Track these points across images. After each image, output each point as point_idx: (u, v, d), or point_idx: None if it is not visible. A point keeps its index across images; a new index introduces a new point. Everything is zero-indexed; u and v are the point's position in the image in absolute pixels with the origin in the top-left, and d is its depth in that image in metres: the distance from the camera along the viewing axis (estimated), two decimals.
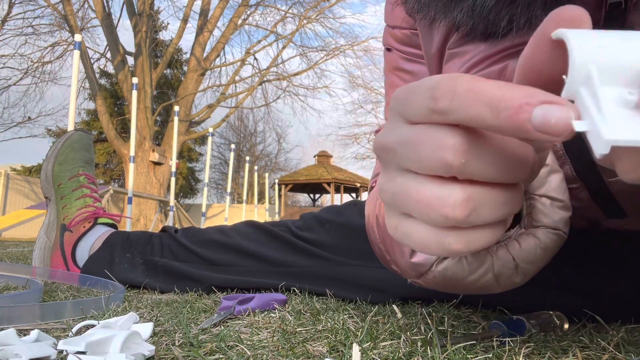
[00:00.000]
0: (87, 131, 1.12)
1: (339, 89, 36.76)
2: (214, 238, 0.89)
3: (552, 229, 0.38)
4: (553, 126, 0.20)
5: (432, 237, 0.26)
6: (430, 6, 0.43)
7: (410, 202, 0.25)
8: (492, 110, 0.21)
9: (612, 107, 0.19)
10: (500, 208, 0.25)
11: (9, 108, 15.13)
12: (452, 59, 0.50)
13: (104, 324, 0.44)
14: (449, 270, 0.39)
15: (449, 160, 0.23)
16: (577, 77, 0.20)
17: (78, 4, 11.14)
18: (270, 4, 12.87)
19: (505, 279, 0.38)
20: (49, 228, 1.00)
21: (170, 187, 5.58)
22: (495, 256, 0.38)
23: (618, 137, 0.18)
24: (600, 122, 0.19)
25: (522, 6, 0.38)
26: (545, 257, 0.38)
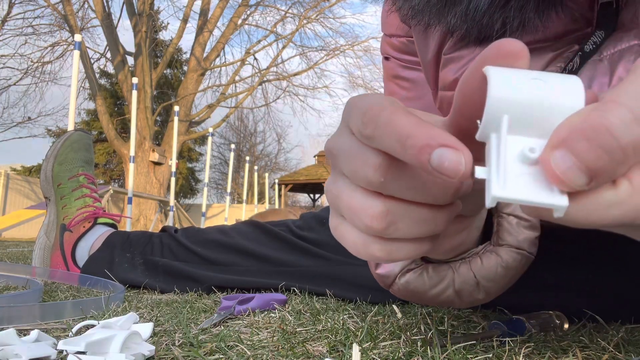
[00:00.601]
0: (87, 131, 1.12)
1: (339, 89, 36.73)
2: (214, 238, 0.89)
3: (515, 248, 0.38)
4: (446, 169, 0.21)
5: (360, 241, 0.28)
6: (424, 12, 0.43)
7: (343, 206, 0.27)
8: (401, 146, 0.23)
9: (510, 161, 0.20)
10: (420, 225, 0.27)
11: (9, 108, 15.15)
12: (448, 64, 0.50)
13: (104, 324, 0.44)
14: (411, 283, 0.40)
15: (370, 176, 0.25)
16: (490, 122, 0.21)
17: (78, 4, 11.16)
18: (270, 4, 12.88)
19: (467, 295, 0.38)
20: (48, 228, 1.00)
21: (170, 187, 5.58)
22: (456, 272, 0.38)
23: (504, 195, 0.19)
24: (494, 176, 0.20)
25: (514, 9, 0.38)
26: (507, 275, 0.38)
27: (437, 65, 0.53)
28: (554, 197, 0.19)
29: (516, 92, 0.20)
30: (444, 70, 0.51)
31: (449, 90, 0.51)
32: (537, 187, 0.20)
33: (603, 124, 0.19)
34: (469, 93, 0.24)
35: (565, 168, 0.19)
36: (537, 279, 0.65)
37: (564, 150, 0.19)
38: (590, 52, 0.41)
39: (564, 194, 0.20)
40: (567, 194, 0.20)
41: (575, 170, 0.19)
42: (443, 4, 0.40)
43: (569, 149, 0.19)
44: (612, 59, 0.40)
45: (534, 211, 0.22)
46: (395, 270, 0.42)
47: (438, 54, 0.52)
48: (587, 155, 0.19)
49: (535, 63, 0.44)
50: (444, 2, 0.40)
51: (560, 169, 0.19)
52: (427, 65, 0.55)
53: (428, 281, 0.39)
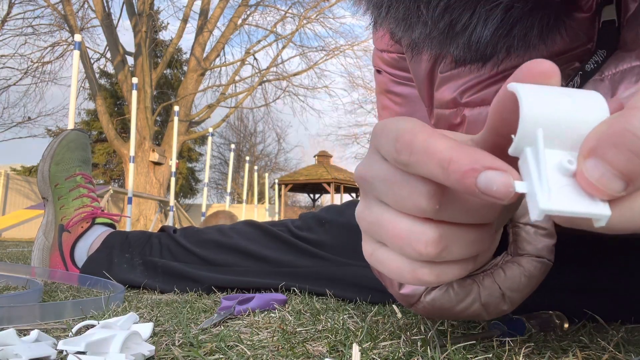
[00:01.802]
0: (84, 130, 1.12)
1: (339, 89, 36.74)
2: (213, 238, 0.89)
3: (535, 256, 0.39)
4: (495, 192, 0.21)
5: (406, 267, 0.27)
6: (424, 44, 0.42)
7: (385, 234, 0.27)
8: (443, 171, 0.22)
9: (552, 174, 0.20)
10: (470, 246, 0.27)
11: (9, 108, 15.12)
12: (446, 82, 0.50)
13: (104, 324, 0.44)
14: (437, 300, 0.40)
15: (423, 205, 0.25)
16: (524, 137, 0.21)
17: (78, 4, 11.16)
18: (270, 4, 12.88)
19: (493, 307, 0.39)
20: (47, 228, 1.00)
21: (170, 187, 5.58)
22: (481, 285, 0.39)
23: (552, 208, 0.19)
24: (539, 189, 0.20)
25: (518, 37, 0.38)
26: (530, 284, 0.39)
27: (431, 83, 0.53)
28: (597, 206, 0.20)
29: (547, 107, 0.21)
30: (440, 90, 0.51)
31: (446, 109, 0.51)
32: (579, 197, 0.20)
33: (628, 129, 0.19)
34: (503, 111, 0.24)
35: (599, 176, 0.19)
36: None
37: (594, 158, 0.19)
38: (592, 71, 0.41)
39: (605, 202, 0.20)
40: (607, 202, 0.20)
41: (610, 177, 0.19)
42: (444, 36, 0.40)
43: (599, 157, 0.19)
44: (613, 79, 0.40)
45: (573, 221, 0.21)
46: (420, 289, 0.42)
47: (431, 72, 0.52)
48: (617, 160, 0.19)
49: None
50: (445, 34, 0.39)
51: (594, 177, 0.19)
52: (421, 83, 0.54)
53: (454, 297, 0.39)
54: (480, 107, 0.47)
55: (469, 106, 0.49)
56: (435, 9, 0.38)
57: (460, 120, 0.50)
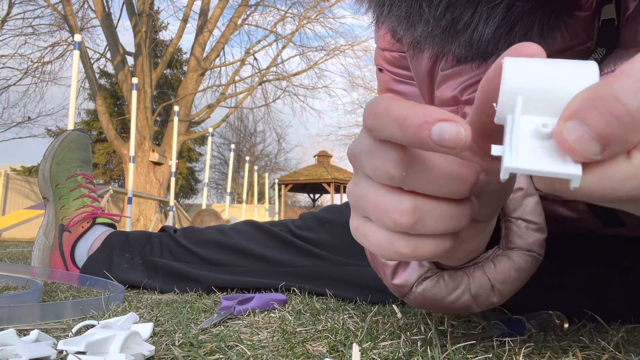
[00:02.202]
0: (84, 130, 1.12)
1: (339, 89, 36.76)
2: (214, 238, 0.89)
3: (526, 250, 0.39)
4: (447, 140, 0.22)
5: (385, 239, 0.28)
6: (426, 42, 0.42)
7: (368, 205, 0.28)
8: (400, 128, 0.24)
9: (524, 136, 0.21)
10: (446, 221, 0.28)
11: (9, 108, 15.14)
12: (447, 80, 0.50)
13: (103, 324, 0.44)
14: (428, 291, 0.41)
15: (391, 171, 0.26)
16: (505, 105, 0.22)
17: (78, 4, 11.16)
18: (270, 4, 12.88)
19: (483, 300, 0.40)
20: (47, 228, 1.00)
21: (170, 187, 5.58)
22: (471, 277, 0.39)
23: (517, 166, 0.20)
24: (507, 151, 0.21)
25: (519, 36, 0.38)
26: (519, 277, 0.39)
27: (431, 81, 0.53)
28: (568, 167, 0.20)
29: (529, 75, 0.21)
30: (441, 88, 0.51)
31: (447, 107, 0.51)
32: (550, 159, 0.20)
33: (610, 92, 0.19)
34: (490, 90, 0.24)
35: (576, 137, 0.20)
36: (537, 279, 0.65)
37: (575, 120, 0.20)
38: None
39: (577, 164, 0.20)
40: (581, 164, 0.20)
41: (587, 138, 0.19)
42: (446, 34, 0.40)
43: (580, 119, 0.20)
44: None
45: (549, 185, 0.22)
46: (412, 279, 0.42)
47: (432, 70, 0.52)
48: (597, 123, 0.19)
49: None
50: (447, 32, 0.40)
51: (571, 138, 0.20)
52: (421, 81, 0.55)
53: (445, 288, 0.40)
54: None
55: (469, 103, 0.49)
56: (437, 7, 0.38)
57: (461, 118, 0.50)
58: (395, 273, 0.44)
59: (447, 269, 0.42)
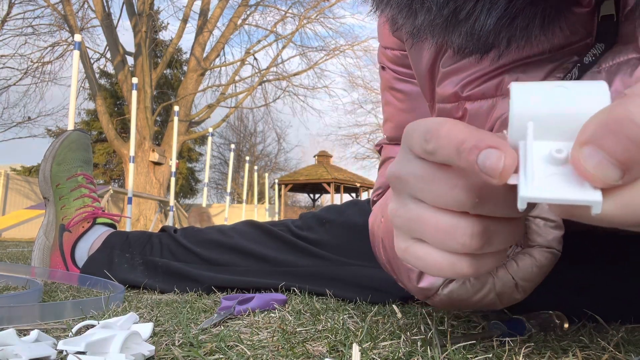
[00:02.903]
0: (85, 131, 1.12)
1: (339, 89, 36.73)
2: (214, 238, 0.89)
3: (546, 247, 0.41)
4: (488, 167, 0.22)
5: (446, 261, 0.28)
6: (427, 31, 0.42)
7: (426, 229, 0.28)
8: (457, 152, 0.24)
9: (538, 163, 0.20)
10: (508, 238, 0.28)
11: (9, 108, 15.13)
12: (448, 77, 0.50)
13: (103, 324, 0.44)
14: (454, 292, 0.42)
15: (463, 199, 0.26)
16: (516, 131, 0.21)
17: (78, 4, 11.16)
18: (270, 4, 12.87)
19: (507, 297, 0.41)
20: (47, 228, 1.00)
21: (170, 187, 5.58)
22: (496, 277, 0.40)
23: (532, 195, 0.20)
24: (522, 180, 0.20)
25: (520, 28, 0.38)
26: (540, 274, 0.41)
27: (432, 78, 0.53)
28: (587, 193, 0.19)
29: (538, 99, 0.21)
30: (442, 84, 0.51)
31: (448, 103, 0.51)
32: (568, 185, 0.20)
33: (626, 116, 0.19)
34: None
35: (595, 163, 0.19)
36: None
37: (591, 146, 0.19)
38: (590, 64, 0.41)
39: (597, 190, 0.20)
40: (600, 190, 0.20)
41: (606, 164, 0.19)
42: (447, 23, 0.40)
43: (597, 144, 0.19)
44: (609, 71, 0.40)
45: (567, 211, 0.21)
46: (437, 282, 0.43)
47: (433, 66, 0.52)
48: (615, 148, 0.19)
49: (535, 74, 0.44)
50: (448, 21, 0.40)
51: (590, 164, 0.19)
52: (422, 77, 0.55)
53: (471, 289, 0.41)
54: (481, 100, 0.48)
55: (470, 100, 0.49)
56: None
57: (462, 114, 0.50)
58: (420, 277, 0.45)
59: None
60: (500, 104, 0.46)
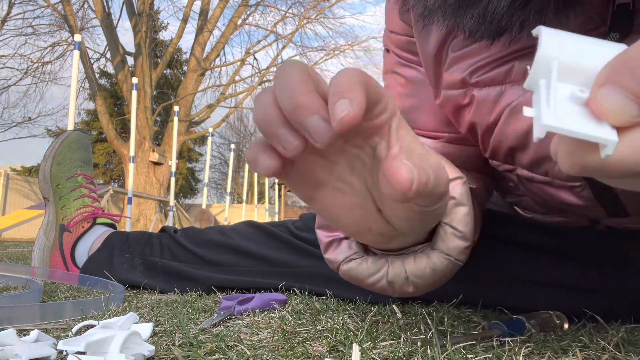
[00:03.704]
0: (85, 131, 1.12)
1: None
2: (214, 238, 0.89)
3: (444, 254, 0.43)
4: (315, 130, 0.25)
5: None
6: (439, 13, 0.42)
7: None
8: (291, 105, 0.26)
9: (561, 100, 0.20)
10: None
11: (9, 108, 15.13)
12: (457, 62, 0.50)
13: (103, 324, 0.44)
14: (352, 270, 0.46)
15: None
16: (539, 69, 0.21)
17: (78, 4, 11.15)
18: (270, 4, 12.87)
19: (398, 287, 0.43)
20: (47, 228, 1.00)
21: (170, 187, 5.58)
22: (390, 266, 0.43)
23: (553, 124, 0.20)
24: (545, 110, 0.20)
25: (534, 11, 0.38)
26: (434, 276, 0.43)
27: (438, 63, 0.52)
28: (604, 131, 0.20)
29: (565, 43, 0.21)
30: (450, 70, 0.51)
31: (455, 89, 0.51)
32: (586, 121, 0.20)
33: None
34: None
35: (613, 100, 0.19)
36: (539, 279, 0.65)
37: (609, 84, 0.20)
38: None
39: (613, 129, 0.20)
40: (616, 131, 0.20)
41: (624, 101, 0.19)
42: (459, 4, 0.40)
43: (614, 82, 0.19)
44: None
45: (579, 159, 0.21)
46: (339, 258, 0.47)
47: (439, 51, 0.51)
48: (632, 84, 0.19)
49: None
50: (460, 2, 0.39)
51: (608, 101, 0.19)
52: (428, 61, 0.54)
53: (366, 270, 0.45)
54: (490, 87, 0.48)
55: (478, 86, 0.49)
56: None
57: (469, 101, 0.50)
58: (327, 249, 0.49)
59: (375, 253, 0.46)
60: (509, 91, 0.46)
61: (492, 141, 0.51)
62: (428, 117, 0.61)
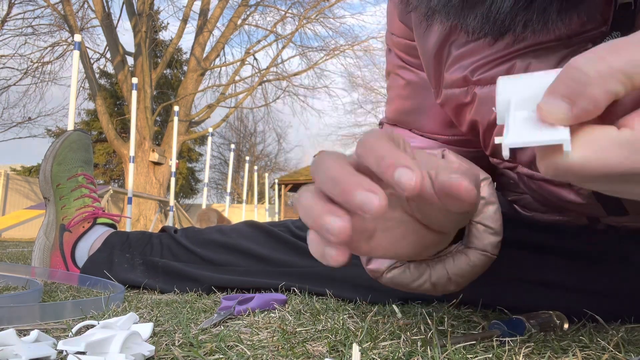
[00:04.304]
0: (86, 131, 1.12)
1: (339, 89, 36.71)
2: (214, 238, 0.89)
3: (481, 250, 0.45)
4: (402, 183, 0.26)
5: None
6: (442, 12, 0.43)
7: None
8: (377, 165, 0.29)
9: (519, 122, 0.26)
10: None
11: (9, 108, 15.11)
12: (458, 61, 0.50)
13: (103, 324, 0.44)
14: (396, 278, 0.47)
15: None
16: (502, 109, 0.27)
17: (78, 4, 11.15)
18: (270, 4, 12.87)
19: (441, 287, 0.45)
20: (48, 228, 1.00)
21: (170, 187, 5.58)
22: (432, 269, 0.45)
23: (512, 141, 0.25)
24: (506, 134, 0.25)
25: (537, 11, 0.38)
26: (473, 272, 0.45)
27: (439, 62, 0.53)
28: (556, 133, 0.24)
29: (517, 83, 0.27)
30: (451, 69, 0.51)
31: (457, 88, 0.51)
32: (540, 132, 0.25)
33: (570, 65, 0.24)
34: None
35: (550, 104, 0.24)
36: (539, 279, 0.65)
37: (547, 94, 0.25)
38: None
39: (565, 128, 0.24)
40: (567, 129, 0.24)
41: (556, 100, 0.24)
42: (464, 4, 0.40)
43: (550, 91, 0.25)
44: None
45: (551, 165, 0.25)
46: (382, 267, 0.48)
47: (440, 50, 0.52)
48: (561, 87, 0.24)
49: (548, 60, 0.44)
50: (464, 2, 0.40)
51: (547, 106, 0.24)
52: (428, 61, 0.54)
53: (410, 276, 0.46)
54: (491, 85, 0.48)
55: (479, 84, 0.49)
56: None
57: (471, 99, 0.51)
58: (369, 260, 0.50)
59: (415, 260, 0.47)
60: None
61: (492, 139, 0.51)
62: (428, 120, 0.63)
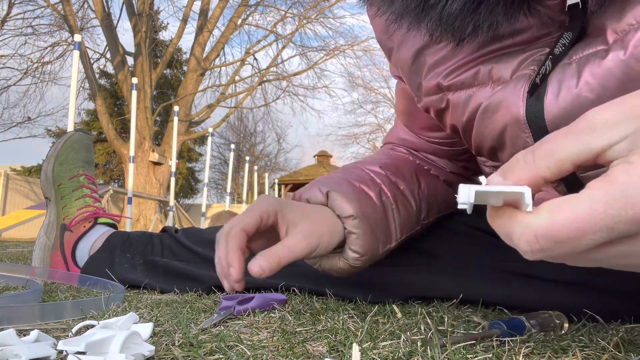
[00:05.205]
0: (87, 131, 1.12)
1: (339, 89, 36.76)
2: (214, 238, 0.89)
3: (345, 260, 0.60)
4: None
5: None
6: (403, 17, 0.47)
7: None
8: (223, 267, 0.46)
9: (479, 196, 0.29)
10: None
11: (9, 108, 15.12)
12: (433, 69, 0.54)
13: (103, 324, 0.44)
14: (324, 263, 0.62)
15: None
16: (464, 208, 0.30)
17: (78, 4, 11.15)
18: (270, 4, 12.87)
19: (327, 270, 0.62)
20: (49, 228, 1.00)
21: (170, 187, 5.58)
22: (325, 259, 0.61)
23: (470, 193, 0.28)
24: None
25: (484, 13, 0.42)
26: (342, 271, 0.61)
27: (417, 73, 0.57)
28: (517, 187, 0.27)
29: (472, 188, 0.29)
30: (427, 77, 0.55)
31: (433, 95, 0.55)
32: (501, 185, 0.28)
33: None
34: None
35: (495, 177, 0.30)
36: (539, 278, 0.65)
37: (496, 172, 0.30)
38: (560, 54, 0.44)
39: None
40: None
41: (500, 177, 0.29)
42: (420, 9, 0.44)
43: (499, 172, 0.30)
44: (579, 62, 0.43)
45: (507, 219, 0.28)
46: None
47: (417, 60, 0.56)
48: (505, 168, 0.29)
49: (508, 65, 0.47)
50: (421, 7, 0.44)
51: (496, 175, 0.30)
52: (406, 73, 0.59)
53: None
54: (460, 90, 0.52)
55: (451, 90, 0.53)
56: None
57: (445, 105, 0.55)
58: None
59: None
60: (477, 93, 0.50)
61: (473, 141, 0.54)
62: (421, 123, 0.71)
